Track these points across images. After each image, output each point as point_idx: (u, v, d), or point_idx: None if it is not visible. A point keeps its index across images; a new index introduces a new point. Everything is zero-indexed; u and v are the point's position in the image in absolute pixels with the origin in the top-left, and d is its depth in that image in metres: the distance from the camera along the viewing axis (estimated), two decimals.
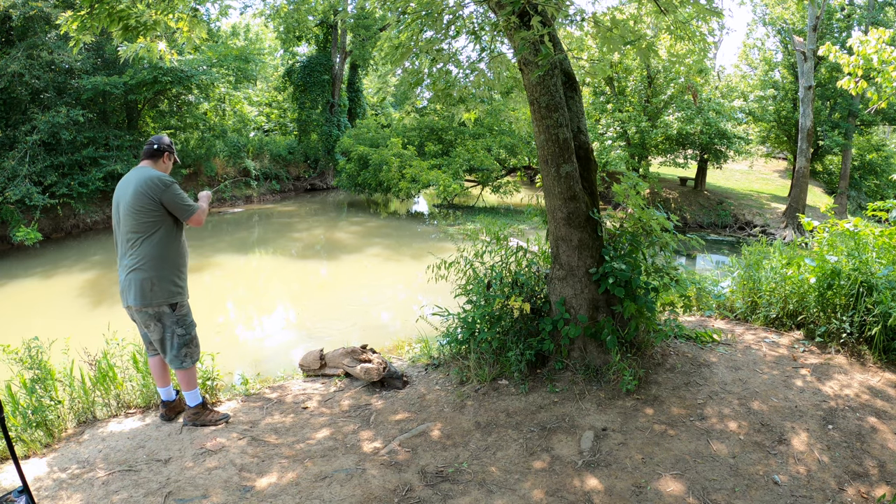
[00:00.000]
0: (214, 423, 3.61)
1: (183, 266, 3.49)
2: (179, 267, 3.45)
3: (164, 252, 3.35)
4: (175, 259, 3.42)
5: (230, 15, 30.95)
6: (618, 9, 5.57)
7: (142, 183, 3.28)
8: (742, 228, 18.48)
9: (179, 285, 3.44)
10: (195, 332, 3.56)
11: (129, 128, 17.24)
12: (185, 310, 3.48)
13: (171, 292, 3.39)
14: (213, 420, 3.62)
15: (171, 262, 3.39)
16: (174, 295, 3.40)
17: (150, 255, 3.33)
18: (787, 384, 3.82)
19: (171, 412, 3.70)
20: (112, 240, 3.54)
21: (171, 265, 3.40)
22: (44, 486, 2.95)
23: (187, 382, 3.58)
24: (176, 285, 3.41)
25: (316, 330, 7.88)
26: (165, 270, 3.36)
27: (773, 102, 21.40)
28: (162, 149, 3.48)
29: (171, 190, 3.32)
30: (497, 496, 2.81)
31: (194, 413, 3.62)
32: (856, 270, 4.39)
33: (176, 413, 3.72)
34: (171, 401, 3.71)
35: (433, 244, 14.00)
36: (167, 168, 3.51)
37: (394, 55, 4.05)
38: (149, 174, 3.33)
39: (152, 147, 3.46)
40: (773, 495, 2.75)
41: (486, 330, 4.19)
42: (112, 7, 3.85)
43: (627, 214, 4.11)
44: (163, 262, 3.35)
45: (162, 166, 3.48)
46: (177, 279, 3.42)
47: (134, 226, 3.31)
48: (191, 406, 3.62)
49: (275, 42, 27.85)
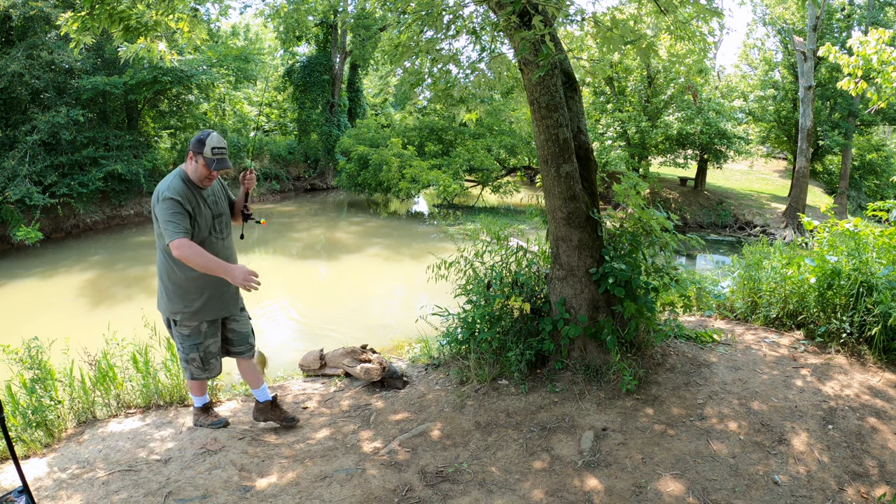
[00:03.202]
0: (210, 428, 3.61)
1: (190, 285, 3.19)
2: (184, 284, 3.19)
3: (170, 265, 3.18)
4: (181, 275, 3.17)
5: (230, 15, 30.93)
6: (618, 9, 5.56)
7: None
8: (742, 228, 18.48)
9: (179, 305, 3.21)
10: (195, 356, 3.32)
11: (129, 128, 17.24)
12: (186, 330, 3.27)
13: (171, 308, 3.24)
14: (208, 424, 3.62)
15: (175, 277, 3.19)
16: (174, 312, 3.24)
17: (161, 265, 3.23)
18: (787, 384, 3.82)
19: (259, 413, 3.71)
20: (113, 240, 3.51)
21: (176, 281, 3.20)
22: (44, 486, 2.95)
23: (190, 389, 3.63)
24: (176, 303, 3.22)
25: (316, 330, 7.88)
26: (171, 284, 3.21)
27: (773, 102, 21.40)
28: (188, 148, 3.21)
29: (161, 205, 3.02)
30: (497, 496, 2.81)
31: (195, 414, 3.66)
32: (856, 270, 4.39)
33: (271, 414, 3.70)
34: (260, 402, 3.69)
35: (433, 244, 13.99)
36: (195, 169, 3.12)
37: (394, 55, 4.05)
38: (164, 179, 3.15)
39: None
40: (773, 495, 2.75)
41: (486, 330, 4.19)
42: (113, 8, 3.85)
43: (627, 214, 4.11)
44: (168, 275, 3.21)
45: (189, 166, 3.15)
46: (179, 297, 3.21)
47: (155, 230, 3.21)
48: (195, 406, 3.67)
49: (275, 42, 27.83)
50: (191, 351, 3.32)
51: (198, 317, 3.25)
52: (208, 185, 3.23)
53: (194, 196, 3.15)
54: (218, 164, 3.11)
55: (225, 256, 3.27)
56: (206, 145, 3.07)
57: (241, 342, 3.54)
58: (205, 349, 3.33)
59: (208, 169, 3.10)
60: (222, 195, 3.43)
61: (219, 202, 3.35)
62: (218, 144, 3.10)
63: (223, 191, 3.47)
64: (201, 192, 3.21)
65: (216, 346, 3.40)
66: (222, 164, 3.12)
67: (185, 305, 3.22)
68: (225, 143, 3.18)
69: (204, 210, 3.20)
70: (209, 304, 3.27)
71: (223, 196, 3.44)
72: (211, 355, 3.38)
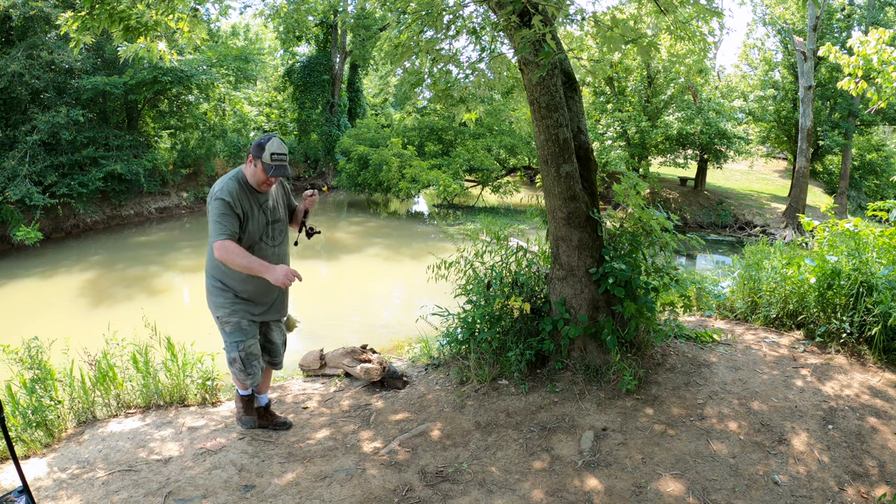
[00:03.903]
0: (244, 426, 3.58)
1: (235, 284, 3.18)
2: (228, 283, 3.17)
3: (216, 262, 3.13)
4: (226, 273, 3.15)
5: (230, 15, 30.93)
6: (618, 8, 5.57)
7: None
8: (742, 228, 18.49)
9: (222, 300, 3.19)
10: (236, 356, 3.23)
11: (129, 128, 17.24)
12: (227, 327, 3.22)
13: (215, 303, 3.22)
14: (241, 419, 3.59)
15: (220, 274, 3.17)
16: (217, 307, 3.22)
17: (207, 262, 3.22)
18: (787, 384, 3.82)
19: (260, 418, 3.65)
20: (113, 240, 3.51)
21: (220, 278, 3.18)
22: (44, 486, 2.95)
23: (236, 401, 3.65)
24: (219, 299, 3.20)
25: (316, 330, 7.88)
26: (216, 281, 3.19)
27: (773, 102, 21.40)
28: (248, 150, 3.14)
29: (212, 205, 3.02)
30: (497, 496, 2.81)
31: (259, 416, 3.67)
32: (856, 270, 4.39)
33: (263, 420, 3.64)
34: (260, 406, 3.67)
35: (433, 244, 13.99)
36: (253, 173, 3.08)
37: (394, 55, 4.05)
38: (221, 178, 3.12)
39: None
40: (773, 495, 2.75)
41: (486, 330, 4.19)
42: (113, 8, 3.85)
43: (627, 214, 4.11)
44: (213, 272, 3.19)
45: (248, 169, 3.11)
46: (223, 294, 3.19)
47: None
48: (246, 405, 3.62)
49: (275, 42, 27.84)
50: (232, 349, 3.24)
51: (239, 314, 3.20)
52: (266, 189, 3.17)
53: (248, 199, 3.10)
54: (276, 171, 3.03)
55: (275, 263, 3.19)
56: (265, 150, 3.01)
57: (276, 353, 3.53)
58: (246, 349, 3.23)
59: (266, 174, 3.05)
60: (282, 201, 3.36)
61: (277, 208, 3.30)
62: (278, 150, 3.03)
63: (284, 196, 3.40)
64: (258, 196, 3.15)
65: (257, 349, 3.30)
66: (280, 171, 3.04)
67: (229, 301, 3.19)
68: (286, 149, 3.10)
69: (258, 215, 3.14)
70: (253, 304, 3.24)
71: (283, 202, 3.37)
72: (253, 357, 3.27)
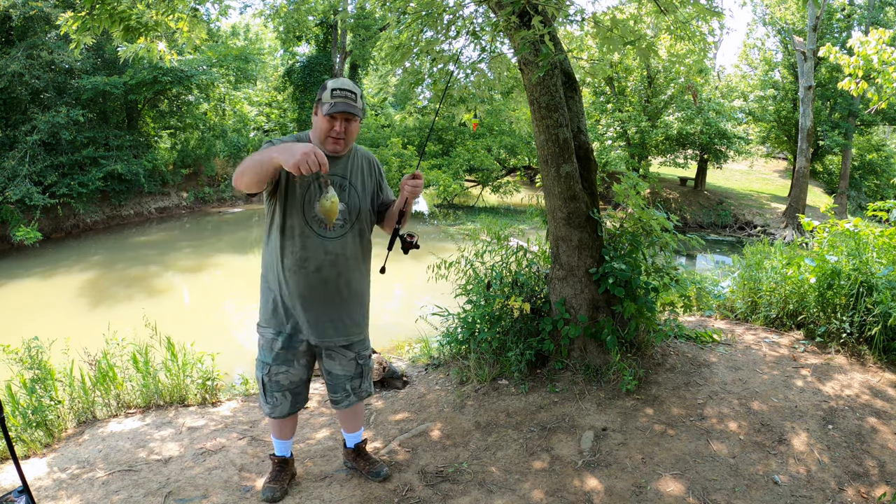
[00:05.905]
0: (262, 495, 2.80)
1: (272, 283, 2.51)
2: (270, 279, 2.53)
3: (263, 253, 2.58)
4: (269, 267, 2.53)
5: (230, 15, 30.96)
6: (618, 9, 5.57)
7: None
8: (742, 228, 18.49)
9: (261, 307, 2.59)
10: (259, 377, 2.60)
11: (129, 128, 17.25)
12: (260, 340, 2.60)
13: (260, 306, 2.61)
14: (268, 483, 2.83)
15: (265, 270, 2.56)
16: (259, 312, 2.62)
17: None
18: (787, 384, 3.82)
19: (345, 457, 3.06)
20: (113, 240, 3.49)
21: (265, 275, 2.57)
22: (44, 486, 2.95)
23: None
24: (260, 301, 2.60)
25: None
26: (262, 278, 2.59)
27: (773, 102, 21.41)
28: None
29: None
30: (497, 496, 2.81)
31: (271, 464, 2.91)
32: (856, 270, 4.39)
33: (355, 462, 2.99)
34: (347, 446, 3.00)
35: (433, 244, 13.99)
36: (316, 124, 2.42)
37: (394, 55, 4.05)
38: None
39: None
40: (773, 495, 2.75)
41: (486, 330, 4.19)
42: (113, 8, 3.85)
43: (627, 214, 4.11)
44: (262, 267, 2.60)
45: (314, 123, 2.46)
46: (263, 297, 2.58)
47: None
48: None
49: (275, 42, 27.84)
50: (257, 368, 2.61)
51: (271, 324, 2.54)
52: (332, 148, 2.41)
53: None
54: (337, 106, 2.30)
55: (329, 262, 2.47)
56: (327, 88, 2.34)
57: (335, 388, 2.67)
58: (270, 375, 2.54)
59: (329, 121, 2.34)
60: (366, 182, 2.57)
61: (353, 190, 2.50)
62: (342, 86, 2.34)
63: (370, 176, 2.60)
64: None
65: (288, 380, 2.56)
66: (342, 107, 2.30)
67: (262, 304, 2.57)
68: (353, 85, 2.38)
69: (313, 188, 2.41)
70: (290, 314, 2.50)
71: (366, 183, 2.58)
72: (276, 387, 2.56)
